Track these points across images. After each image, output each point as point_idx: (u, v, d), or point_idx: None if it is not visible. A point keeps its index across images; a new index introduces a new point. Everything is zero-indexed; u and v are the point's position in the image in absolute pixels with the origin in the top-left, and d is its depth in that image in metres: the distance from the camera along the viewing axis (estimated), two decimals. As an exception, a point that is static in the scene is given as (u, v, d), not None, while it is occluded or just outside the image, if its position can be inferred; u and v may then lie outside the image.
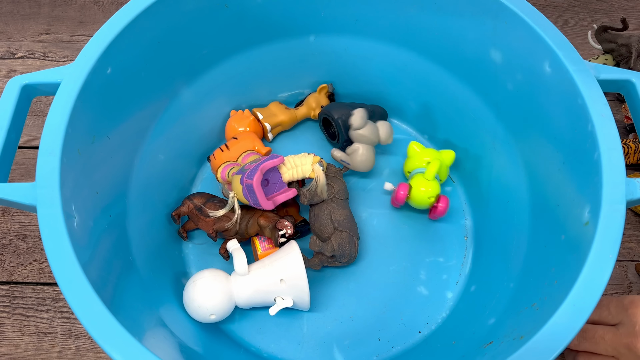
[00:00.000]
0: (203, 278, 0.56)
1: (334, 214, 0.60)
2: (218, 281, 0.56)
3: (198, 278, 0.56)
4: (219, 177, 0.63)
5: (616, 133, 0.46)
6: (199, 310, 0.55)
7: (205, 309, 0.55)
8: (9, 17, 0.85)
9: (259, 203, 0.57)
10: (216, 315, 0.56)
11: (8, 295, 0.64)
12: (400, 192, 0.63)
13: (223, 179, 0.63)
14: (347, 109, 0.66)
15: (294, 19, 0.62)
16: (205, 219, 0.61)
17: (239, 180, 0.57)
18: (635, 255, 0.69)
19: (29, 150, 0.74)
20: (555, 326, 0.40)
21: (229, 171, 0.62)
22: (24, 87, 0.49)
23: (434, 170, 0.63)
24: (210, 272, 0.57)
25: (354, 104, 0.69)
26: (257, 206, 0.57)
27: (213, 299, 0.55)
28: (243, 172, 0.58)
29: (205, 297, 0.55)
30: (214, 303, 0.55)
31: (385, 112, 0.71)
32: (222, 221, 0.60)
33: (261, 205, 0.57)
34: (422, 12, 0.59)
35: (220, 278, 0.57)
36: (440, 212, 0.64)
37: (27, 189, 0.43)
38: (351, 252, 0.60)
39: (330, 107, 0.68)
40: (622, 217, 0.43)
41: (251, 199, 0.57)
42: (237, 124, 0.69)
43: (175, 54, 0.58)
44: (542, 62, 0.52)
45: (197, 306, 0.55)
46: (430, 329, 0.61)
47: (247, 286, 0.57)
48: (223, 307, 0.56)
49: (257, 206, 0.57)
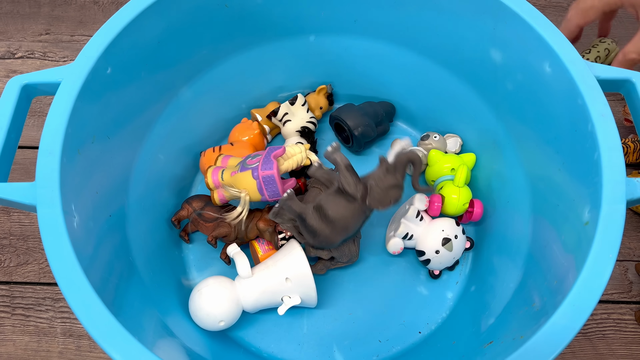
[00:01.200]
0: (208, 286, 0.56)
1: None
2: (224, 287, 0.56)
3: (203, 286, 0.56)
4: (210, 182, 0.59)
5: (616, 133, 0.46)
6: (208, 318, 0.55)
7: (214, 317, 0.55)
8: (9, 17, 0.85)
9: (278, 193, 0.56)
10: (225, 322, 0.55)
11: (8, 295, 0.64)
12: (436, 204, 0.62)
13: (216, 184, 0.59)
14: (365, 120, 0.67)
15: (294, 19, 0.62)
16: (206, 223, 0.60)
17: (251, 175, 0.56)
18: (635, 255, 0.69)
19: (29, 150, 0.74)
20: (555, 326, 0.40)
21: (221, 173, 0.59)
22: (24, 87, 0.49)
23: (464, 176, 0.63)
24: (214, 279, 0.57)
25: (364, 105, 0.69)
26: (274, 197, 0.57)
27: (220, 306, 0.55)
28: (249, 168, 0.57)
29: (212, 305, 0.55)
30: (222, 310, 0.55)
31: (393, 108, 0.72)
32: (222, 227, 0.60)
33: (280, 194, 0.56)
34: (422, 12, 0.59)
35: (226, 284, 0.56)
36: (476, 217, 0.64)
37: (27, 189, 0.43)
38: (351, 252, 0.60)
39: (346, 117, 0.67)
40: (622, 217, 0.43)
41: (268, 192, 0.56)
42: (240, 132, 0.68)
43: (175, 54, 0.58)
44: (542, 62, 0.51)
45: (205, 315, 0.55)
46: (430, 329, 0.61)
47: (253, 289, 0.56)
48: (231, 313, 0.56)
49: (274, 197, 0.57)
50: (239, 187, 0.57)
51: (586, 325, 0.65)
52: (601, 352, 0.63)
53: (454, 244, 0.60)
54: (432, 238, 0.60)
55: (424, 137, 0.68)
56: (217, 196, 0.60)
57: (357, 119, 0.67)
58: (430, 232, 0.61)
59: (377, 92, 0.72)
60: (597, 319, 0.65)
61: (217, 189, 0.60)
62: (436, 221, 0.62)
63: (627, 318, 0.65)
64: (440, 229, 0.61)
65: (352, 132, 0.66)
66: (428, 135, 0.68)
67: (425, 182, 0.68)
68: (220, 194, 0.60)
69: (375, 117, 0.69)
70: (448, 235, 0.60)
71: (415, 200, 0.61)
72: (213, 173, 0.60)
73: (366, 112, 0.68)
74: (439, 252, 0.60)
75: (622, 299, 0.66)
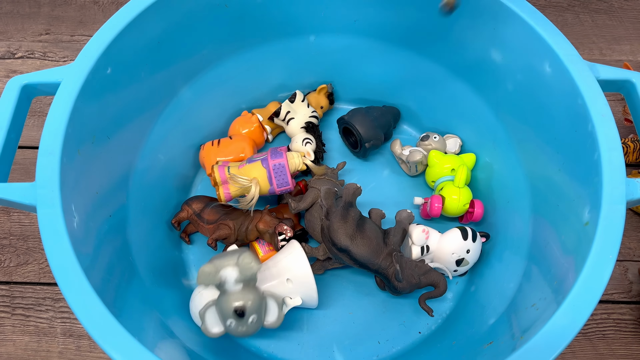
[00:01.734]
0: (208, 287, 0.55)
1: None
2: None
3: (203, 288, 0.55)
4: (218, 178, 0.60)
5: (616, 133, 0.46)
6: None
7: None
8: (9, 17, 0.85)
9: (287, 182, 0.58)
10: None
11: (8, 295, 0.64)
12: (436, 205, 0.62)
13: (223, 179, 0.60)
14: (377, 134, 0.67)
15: (294, 19, 0.62)
16: (206, 225, 0.60)
17: (260, 165, 0.58)
18: (636, 255, 0.69)
19: (29, 150, 0.74)
20: (555, 326, 0.40)
21: (228, 169, 0.60)
22: (24, 87, 0.49)
23: (464, 176, 0.62)
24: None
25: (376, 115, 0.69)
26: (282, 187, 0.58)
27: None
28: (257, 159, 0.59)
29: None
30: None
31: (399, 115, 0.72)
32: (222, 229, 0.60)
33: (289, 184, 0.59)
34: (421, 12, 0.59)
35: None
36: (476, 217, 0.63)
37: (27, 189, 0.43)
38: None
39: (360, 127, 0.67)
40: (622, 217, 0.43)
41: (277, 180, 0.58)
42: (240, 125, 0.69)
43: (175, 54, 0.58)
44: (542, 62, 0.51)
45: None
46: (430, 329, 0.61)
47: None
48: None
49: (282, 187, 0.58)
50: (252, 175, 0.58)
51: (586, 325, 0.65)
52: (601, 352, 0.63)
53: (469, 258, 0.60)
54: (446, 262, 0.60)
55: (423, 137, 0.68)
56: (222, 192, 0.60)
57: (370, 132, 0.67)
58: (441, 257, 0.60)
59: (376, 92, 0.72)
60: (597, 319, 0.65)
61: (224, 185, 0.60)
62: (443, 242, 0.60)
63: (627, 318, 0.65)
64: (450, 253, 0.60)
65: (364, 143, 0.67)
66: (428, 135, 0.68)
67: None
68: (226, 191, 0.60)
69: (385, 128, 0.69)
70: (460, 256, 0.60)
71: (413, 238, 0.60)
72: (220, 169, 0.60)
73: (379, 123, 0.68)
74: (457, 271, 0.61)
75: (622, 299, 0.66)
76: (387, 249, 0.56)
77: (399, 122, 0.73)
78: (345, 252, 0.55)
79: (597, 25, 0.87)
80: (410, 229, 0.60)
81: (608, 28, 0.87)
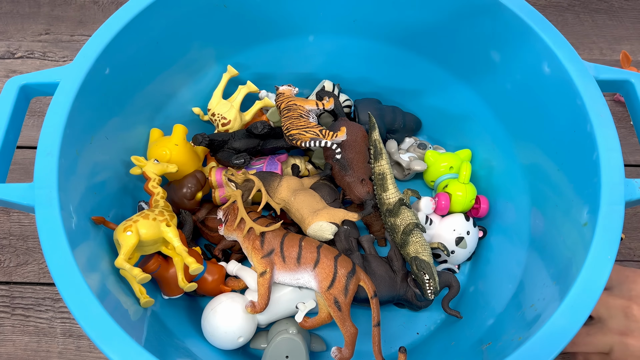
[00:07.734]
0: (222, 303, 0.55)
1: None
2: (237, 302, 0.55)
3: (216, 304, 0.55)
4: (214, 181, 0.62)
5: (615, 133, 0.46)
6: (226, 336, 0.53)
7: (233, 333, 0.53)
8: (9, 17, 0.85)
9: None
10: (244, 337, 0.54)
11: (8, 295, 0.64)
12: (442, 203, 0.62)
13: (219, 182, 0.62)
14: (376, 118, 0.66)
15: (293, 19, 0.62)
16: (211, 233, 0.61)
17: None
18: (636, 255, 0.69)
19: (29, 150, 0.74)
20: (554, 327, 0.40)
21: (224, 172, 0.61)
22: (23, 88, 0.49)
23: (468, 172, 0.63)
24: (226, 296, 0.56)
25: (388, 106, 0.68)
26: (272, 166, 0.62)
27: (237, 321, 0.53)
28: (253, 168, 0.62)
29: (229, 322, 0.53)
30: (239, 325, 0.53)
31: (417, 121, 0.71)
32: (227, 240, 0.60)
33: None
34: (421, 12, 0.58)
35: (238, 299, 0.55)
36: (482, 213, 0.64)
37: (25, 190, 0.43)
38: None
39: (360, 105, 0.67)
40: (621, 218, 0.43)
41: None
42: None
43: (174, 54, 0.58)
44: (541, 62, 0.51)
45: (223, 333, 0.53)
46: (429, 329, 0.61)
47: None
48: (249, 327, 0.54)
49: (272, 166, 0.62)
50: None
51: (586, 325, 0.64)
52: (601, 353, 0.63)
53: (468, 240, 0.60)
54: (445, 239, 0.60)
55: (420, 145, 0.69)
56: (218, 195, 0.62)
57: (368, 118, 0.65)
58: (442, 233, 0.61)
59: (376, 92, 0.71)
60: (597, 319, 0.65)
61: (219, 188, 0.62)
62: (446, 220, 0.61)
63: (626, 318, 0.65)
64: (452, 228, 0.60)
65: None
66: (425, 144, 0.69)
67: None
68: (222, 194, 0.61)
69: (389, 125, 0.68)
70: (460, 234, 0.60)
71: (421, 206, 0.61)
72: (217, 173, 0.61)
73: (384, 116, 0.67)
74: (455, 252, 0.60)
75: (621, 299, 0.66)
76: (398, 276, 0.57)
77: (416, 130, 0.72)
78: (366, 301, 0.55)
79: (597, 25, 0.87)
80: (421, 202, 0.61)
81: (608, 28, 0.86)
